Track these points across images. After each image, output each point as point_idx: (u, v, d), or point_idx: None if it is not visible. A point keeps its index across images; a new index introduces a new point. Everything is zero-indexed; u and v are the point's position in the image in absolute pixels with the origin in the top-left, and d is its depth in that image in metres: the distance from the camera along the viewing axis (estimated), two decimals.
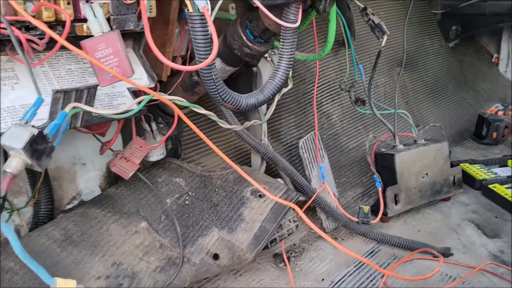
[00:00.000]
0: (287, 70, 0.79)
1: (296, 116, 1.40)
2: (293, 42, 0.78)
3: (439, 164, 1.38)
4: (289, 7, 0.74)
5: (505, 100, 2.50)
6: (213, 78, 0.70)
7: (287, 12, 0.75)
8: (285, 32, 0.76)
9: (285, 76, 0.79)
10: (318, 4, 0.77)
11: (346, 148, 1.55)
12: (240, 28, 0.86)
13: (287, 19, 0.75)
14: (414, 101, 1.95)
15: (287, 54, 0.78)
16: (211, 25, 0.64)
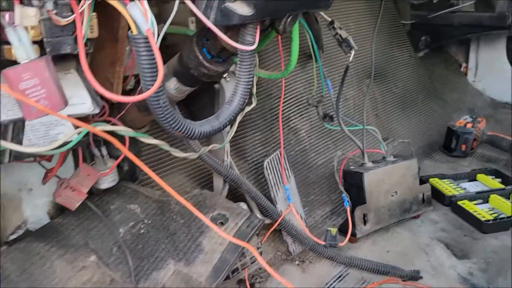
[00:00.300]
0: (245, 94, 0.73)
1: (262, 133, 1.34)
2: (251, 64, 0.72)
3: (408, 182, 1.35)
4: (245, 28, 0.68)
5: (473, 111, 2.51)
6: (161, 106, 0.64)
7: (243, 33, 0.69)
8: (242, 54, 0.71)
9: (243, 100, 0.73)
10: (277, 24, 0.72)
11: (314, 164, 1.50)
12: (196, 46, 0.80)
13: (244, 40, 0.69)
14: (383, 113, 1.93)
15: (245, 77, 0.72)
16: (155, 51, 0.57)
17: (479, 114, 2.48)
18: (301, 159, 1.47)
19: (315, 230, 1.33)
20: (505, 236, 1.31)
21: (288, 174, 1.21)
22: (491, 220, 1.32)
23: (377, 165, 1.32)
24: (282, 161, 1.17)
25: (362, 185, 1.26)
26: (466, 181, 1.64)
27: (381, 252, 1.26)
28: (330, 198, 1.47)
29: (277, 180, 1.16)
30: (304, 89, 1.52)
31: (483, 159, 1.89)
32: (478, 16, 2.10)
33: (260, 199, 1.08)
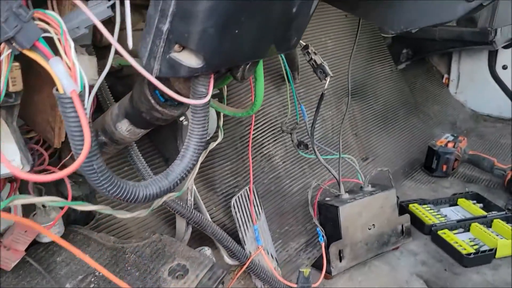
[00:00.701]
0: (199, 149, 0.64)
1: (232, 162, 1.26)
2: (205, 116, 0.64)
3: (387, 214, 1.28)
4: (197, 78, 0.60)
5: (455, 124, 2.47)
6: (96, 171, 0.55)
7: (194, 84, 0.61)
8: (194, 106, 0.62)
9: (197, 155, 0.65)
10: (235, 72, 0.64)
11: (289, 192, 1.42)
12: (147, 89, 0.71)
13: (195, 92, 0.61)
14: (363, 131, 1.86)
15: (198, 130, 0.64)
16: (81, 115, 0.48)
17: (461, 127, 2.45)
18: (275, 187, 1.39)
19: (289, 265, 1.26)
20: (486, 270, 1.25)
21: (258, 211, 1.13)
22: (472, 254, 1.26)
23: (353, 196, 1.25)
24: (252, 198, 1.09)
25: (338, 219, 1.19)
26: (447, 206, 1.58)
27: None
28: (306, 228, 1.39)
29: (246, 219, 1.08)
30: (279, 112, 1.44)
31: (464, 179, 1.84)
32: (460, 31, 2.05)
33: (226, 242, 1.00)
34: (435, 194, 1.71)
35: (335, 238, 1.21)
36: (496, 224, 1.41)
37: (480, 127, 2.48)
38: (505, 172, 1.70)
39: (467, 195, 1.60)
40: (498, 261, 1.28)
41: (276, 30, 0.64)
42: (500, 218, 1.43)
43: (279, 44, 0.67)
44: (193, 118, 0.64)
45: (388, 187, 1.30)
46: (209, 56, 0.56)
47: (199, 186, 1.19)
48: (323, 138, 1.61)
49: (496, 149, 2.15)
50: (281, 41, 0.68)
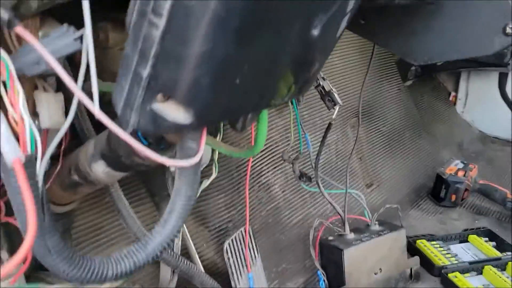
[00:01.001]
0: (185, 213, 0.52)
1: (226, 194, 1.14)
2: (195, 175, 0.52)
3: (395, 256, 1.16)
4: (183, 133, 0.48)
5: (462, 146, 2.36)
6: (51, 252, 0.43)
7: (183, 138, 0.49)
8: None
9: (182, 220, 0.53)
10: (234, 123, 0.52)
11: (288, 224, 1.30)
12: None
13: (183, 148, 0.49)
14: (369, 155, 1.74)
15: (186, 191, 0.52)
16: (25, 193, 0.36)
17: (468, 149, 2.34)
18: (273, 219, 1.27)
19: None
20: None
21: (254, 255, 1.01)
22: None
23: (359, 236, 1.13)
24: (247, 240, 0.97)
25: (342, 263, 1.07)
26: (457, 243, 1.47)
27: None
28: (304, 265, 1.27)
29: (240, 265, 0.96)
30: (281, 137, 1.32)
31: (473, 210, 1.73)
32: None
33: None
34: (444, 227, 1.60)
35: (337, 283, 1.09)
36: (510, 267, 1.30)
37: (488, 150, 2.37)
38: None
39: (478, 231, 1.49)
40: None
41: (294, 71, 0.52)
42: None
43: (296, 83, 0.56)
44: (181, 176, 0.52)
45: (397, 227, 1.18)
46: (200, 110, 0.44)
47: (189, 220, 1.07)
48: (327, 164, 1.49)
49: (505, 176, 2.04)
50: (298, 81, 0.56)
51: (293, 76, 0.54)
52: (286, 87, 0.54)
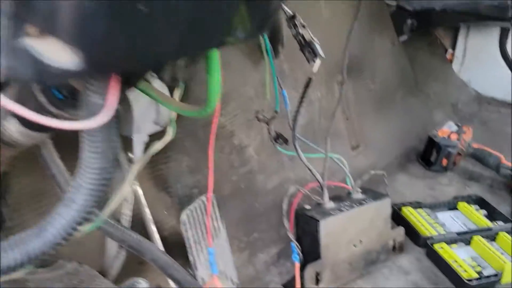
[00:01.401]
0: (96, 191, 0.40)
1: (191, 157, 1.01)
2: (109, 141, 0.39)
3: (377, 228, 1.06)
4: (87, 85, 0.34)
5: (456, 106, 2.24)
6: None
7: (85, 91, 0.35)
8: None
9: (93, 199, 0.40)
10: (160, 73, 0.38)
11: (263, 189, 1.19)
12: None
13: (87, 104, 0.36)
14: (356, 115, 1.61)
15: (96, 162, 0.39)
16: None
17: (463, 110, 2.22)
18: (245, 184, 1.15)
19: (256, 282, 1.05)
20: None
21: (217, 226, 0.89)
22: (475, 280, 1.06)
23: (339, 206, 1.02)
24: (209, 210, 0.86)
25: (317, 235, 0.97)
26: (446, 210, 1.37)
27: None
28: (279, 235, 1.17)
29: (200, 238, 0.85)
30: (256, 93, 1.18)
31: (465, 176, 1.62)
32: (475, 3, 1.77)
33: (173, 271, 0.77)
34: (432, 193, 1.50)
35: (313, 257, 0.99)
36: (501, 238, 1.21)
37: (483, 111, 2.25)
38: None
39: (469, 199, 1.39)
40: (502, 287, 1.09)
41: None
42: (506, 231, 1.23)
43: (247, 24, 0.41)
44: (86, 141, 0.39)
45: (381, 195, 1.07)
46: (92, 51, 0.30)
47: (147, 186, 0.95)
48: (309, 124, 1.36)
49: (500, 139, 1.92)
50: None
51: (245, 6, 0.40)
52: (235, 21, 0.40)
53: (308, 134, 1.32)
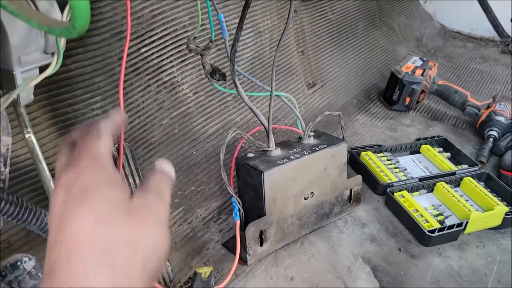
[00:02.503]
0: None
1: (104, 96, 0.82)
2: None
3: (331, 177, 0.92)
4: None
5: (421, 41, 2.10)
6: None
7: None
8: None
9: None
10: None
11: (201, 135, 1.02)
12: None
13: None
14: (312, 49, 1.44)
15: None
16: None
17: (427, 45, 2.08)
18: (180, 129, 0.98)
19: (192, 244, 0.90)
20: (451, 251, 0.95)
21: (133, 183, 0.72)
22: (437, 230, 0.95)
23: (287, 153, 0.86)
24: (120, 163, 0.68)
25: (261, 189, 0.82)
26: (408, 154, 1.25)
27: (282, 281, 0.86)
28: (221, 187, 1.02)
29: None
30: (190, 19, 0.98)
31: (428, 115, 1.51)
32: None
33: None
34: (394, 134, 1.38)
35: (257, 213, 0.85)
36: (466, 183, 1.11)
37: (449, 46, 2.12)
38: (479, 110, 1.38)
39: (432, 140, 1.27)
40: (466, 237, 0.99)
41: None
42: (471, 175, 1.13)
43: None
44: None
45: (337, 140, 0.92)
46: None
47: (46, 134, 0.76)
48: (257, 59, 1.18)
49: (465, 75, 1.82)
50: None
51: None
52: None
53: (256, 69, 1.14)
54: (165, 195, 0.37)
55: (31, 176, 0.71)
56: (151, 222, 0.34)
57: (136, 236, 0.32)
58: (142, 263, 0.31)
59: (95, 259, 0.30)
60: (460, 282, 0.88)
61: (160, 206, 0.36)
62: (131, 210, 0.33)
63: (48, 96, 0.75)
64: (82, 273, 0.29)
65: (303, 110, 1.29)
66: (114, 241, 0.31)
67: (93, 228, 0.31)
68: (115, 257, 0.30)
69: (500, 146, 1.23)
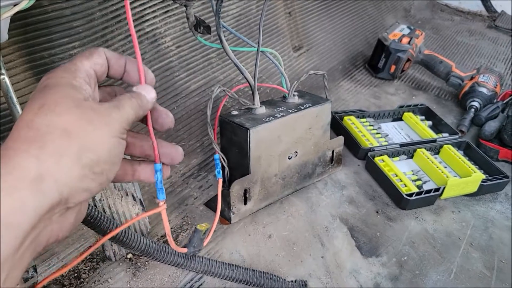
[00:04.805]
0: None
1: (83, 42, 0.78)
2: None
3: (315, 137, 0.92)
4: None
5: (409, 11, 2.08)
6: None
7: None
8: None
9: None
10: None
11: (184, 90, 1.00)
12: None
13: None
14: (300, 11, 1.41)
15: None
16: None
17: (415, 16, 2.07)
18: (161, 83, 0.95)
19: (170, 197, 0.90)
20: (426, 215, 0.97)
21: None
22: (414, 194, 0.96)
23: (272, 112, 0.85)
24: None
25: (246, 146, 0.81)
26: (390, 121, 1.25)
27: (260, 239, 0.86)
28: (202, 144, 1.01)
29: None
30: None
31: (412, 84, 1.51)
32: None
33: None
34: (377, 102, 1.38)
35: (241, 171, 0.84)
36: (445, 151, 1.12)
37: (436, 18, 2.11)
38: (463, 81, 1.38)
39: (415, 108, 1.28)
40: (442, 202, 1.01)
41: None
42: (451, 143, 1.14)
43: None
44: None
45: (321, 100, 0.91)
46: None
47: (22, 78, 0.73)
48: (243, 16, 1.15)
49: (451, 47, 1.82)
50: None
51: None
52: None
53: (241, 27, 1.11)
54: (125, 108, 0.37)
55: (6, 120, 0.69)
56: (95, 123, 0.34)
57: (72, 128, 0.33)
58: (76, 154, 0.32)
59: (27, 141, 0.31)
60: (434, 244, 0.89)
61: (112, 113, 0.36)
62: (79, 107, 0.34)
63: (23, 39, 0.72)
64: (11, 152, 0.31)
65: (288, 72, 1.28)
66: (48, 128, 0.32)
67: (33, 117, 0.32)
68: (46, 141, 0.32)
69: (481, 116, 1.24)
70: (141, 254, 0.66)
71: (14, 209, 0.29)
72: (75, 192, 0.33)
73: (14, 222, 0.29)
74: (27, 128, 0.32)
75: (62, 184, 0.32)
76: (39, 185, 0.30)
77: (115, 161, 0.36)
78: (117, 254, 0.72)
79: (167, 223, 0.48)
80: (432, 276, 0.83)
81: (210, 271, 0.70)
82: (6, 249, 0.29)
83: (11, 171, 0.30)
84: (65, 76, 0.35)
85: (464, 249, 0.89)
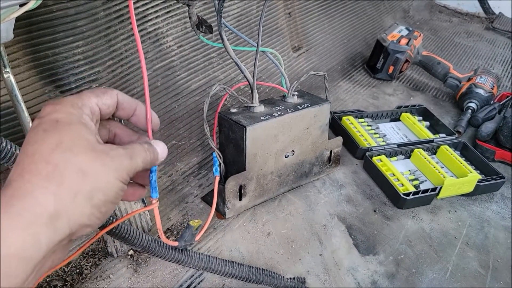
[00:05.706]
0: None
1: (86, 41, 0.80)
2: None
3: (313, 137, 0.93)
4: None
5: (408, 12, 2.10)
6: None
7: None
8: None
9: None
10: None
11: (184, 89, 1.01)
12: None
13: None
14: (300, 12, 1.42)
15: None
16: None
17: (414, 17, 2.08)
18: (163, 82, 0.96)
19: (171, 195, 0.91)
20: (423, 214, 0.98)
21: None
22: (412, 194, 0.98)
23: (270, 110, 0.87)
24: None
25: (243, 143, 0.82)
26: (388, 121, 1.27)
27: (259, 236, 0.88)
28: (202, 142, 1.02)
29: None
30: None
31: (410, 85, 1.52)
32: None
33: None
34: (375, 102, 1.39)
35: (237, 168, 0.85)
36: (442, 151, 1.13)
37: (435, 19, 2.13)
38: (460, 82, 1.40)
39: (412, 109, 1.29)
40: (439, 202, 1.02)
41: None
42: (448, 144, 1.15)
43: None
44: None
45: (320, 100, 0.93)
46: None
47: (27, 76, 0.74)
48: (244, 16, 1.16)
49: (449, 49, 1.83)
50: None
51: None
52: None
53: (242, 27, 1.13)
54: (137, 160, 0.38)
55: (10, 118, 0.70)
56: (107, 167, 0.35)
57: (87, 168, 0.34)
58: (89, 193, 0.34)
59: (44, 177, 0.32)
60: (431, 243, 0.91)
61: (124, 161, 0.37)
62: (94, 149, 0.35)
63: (28, 38, 0.73)
64: (29, 186, 0.32)
65: (287, 72, 1.29)
66: (65, 166, 0.33)
67: (51, 152, 0.33)
68: (64, 179, 0.33)
69: (478, 117, 1.26)
70: (143, 251, 0.68)
71: (29, 244, 0.31)
72: (81, 228, 0.34)
73: (27, 256, 0.30)
74: (45, 163, 0.33)
75: (73, 221, 0.33)
76: (55, 222, 0.32)
77: (116, 202, 0.38)
78: (119, 250, 0.73)
79: (158, 219, 0.51)
80: (428, 275, 0.84)
81: (210, 267, 0.71)
82: (16, 281, 0.30)
83: (29, 207, 0.31)
84: (74, 113, 0.36)
85: (460, 248, 0.90)
